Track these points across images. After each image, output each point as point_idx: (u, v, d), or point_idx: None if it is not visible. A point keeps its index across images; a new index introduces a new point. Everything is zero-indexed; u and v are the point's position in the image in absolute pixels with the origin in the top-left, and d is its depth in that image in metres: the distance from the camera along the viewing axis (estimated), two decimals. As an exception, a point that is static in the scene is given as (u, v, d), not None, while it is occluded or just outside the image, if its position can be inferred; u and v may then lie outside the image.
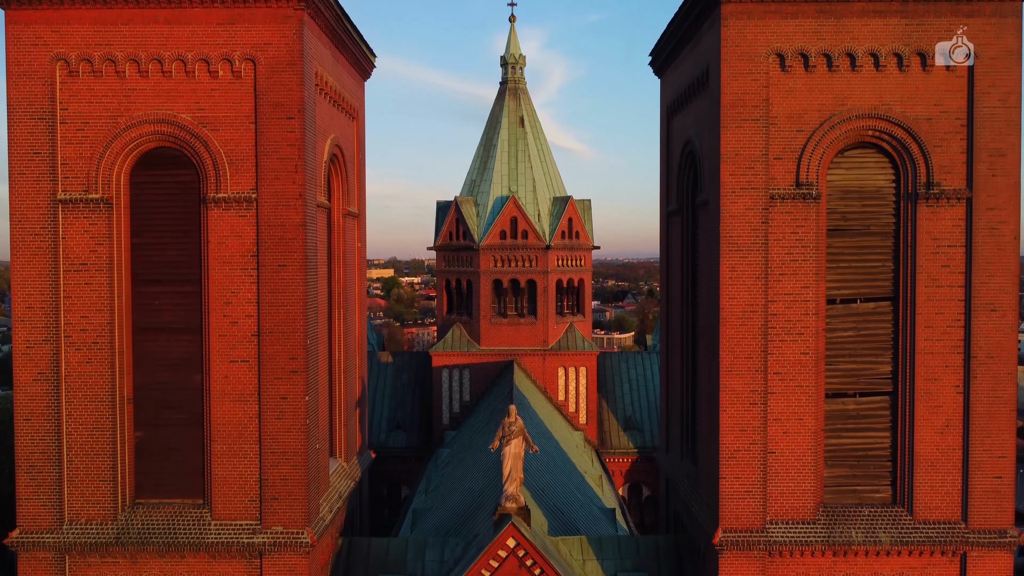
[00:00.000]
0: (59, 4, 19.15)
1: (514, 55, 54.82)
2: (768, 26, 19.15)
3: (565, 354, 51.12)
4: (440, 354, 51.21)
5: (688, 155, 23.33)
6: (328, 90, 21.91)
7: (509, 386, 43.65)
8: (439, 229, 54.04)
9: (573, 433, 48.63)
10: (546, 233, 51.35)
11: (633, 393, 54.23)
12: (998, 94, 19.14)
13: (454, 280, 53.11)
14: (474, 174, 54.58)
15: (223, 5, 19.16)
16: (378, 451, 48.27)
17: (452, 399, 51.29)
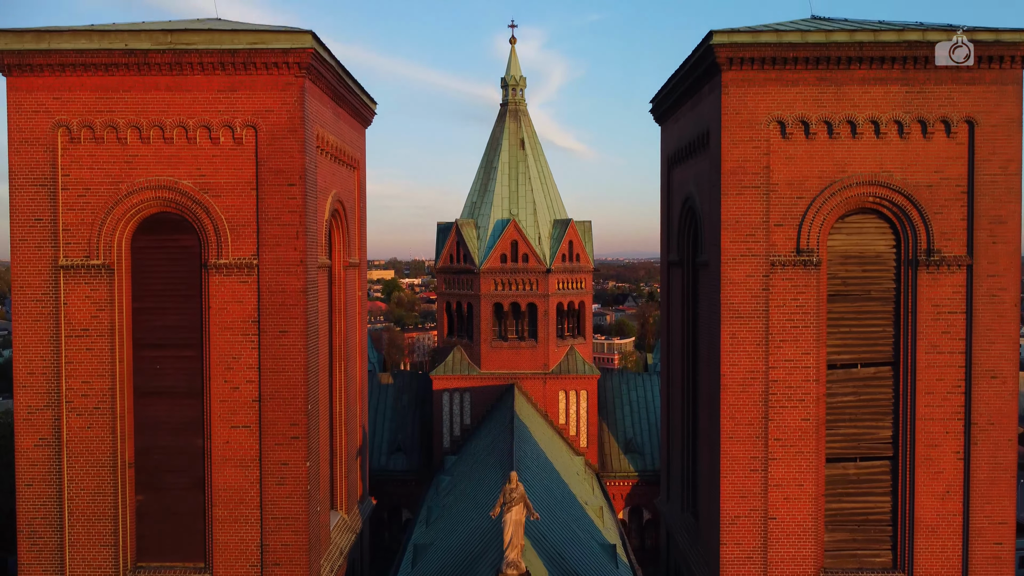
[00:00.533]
0: (61, 72, 19.18)
1: (514, 77, 54.77)
2: (769, 93, 19.16)
3: (566, 378, 51.08)
4: (441, 377, 51.15)
5: (689, 210, 23.35)
6: (329, 148, 21.93)
7: (510, 412, 43.60)
8: (440, 251, 54.06)
9: (574, 459, 48.62)
10: (547, 257, 51.33)
11: (634, 415, 54.22)
12: (999, 161, 19.16)
13: (455, 303, 53.12)
14: (474, 196, 54.58)
15: (224, 72, 19.16)
16: (379, 474, 48.51)
17: (453, 422, 51.28)
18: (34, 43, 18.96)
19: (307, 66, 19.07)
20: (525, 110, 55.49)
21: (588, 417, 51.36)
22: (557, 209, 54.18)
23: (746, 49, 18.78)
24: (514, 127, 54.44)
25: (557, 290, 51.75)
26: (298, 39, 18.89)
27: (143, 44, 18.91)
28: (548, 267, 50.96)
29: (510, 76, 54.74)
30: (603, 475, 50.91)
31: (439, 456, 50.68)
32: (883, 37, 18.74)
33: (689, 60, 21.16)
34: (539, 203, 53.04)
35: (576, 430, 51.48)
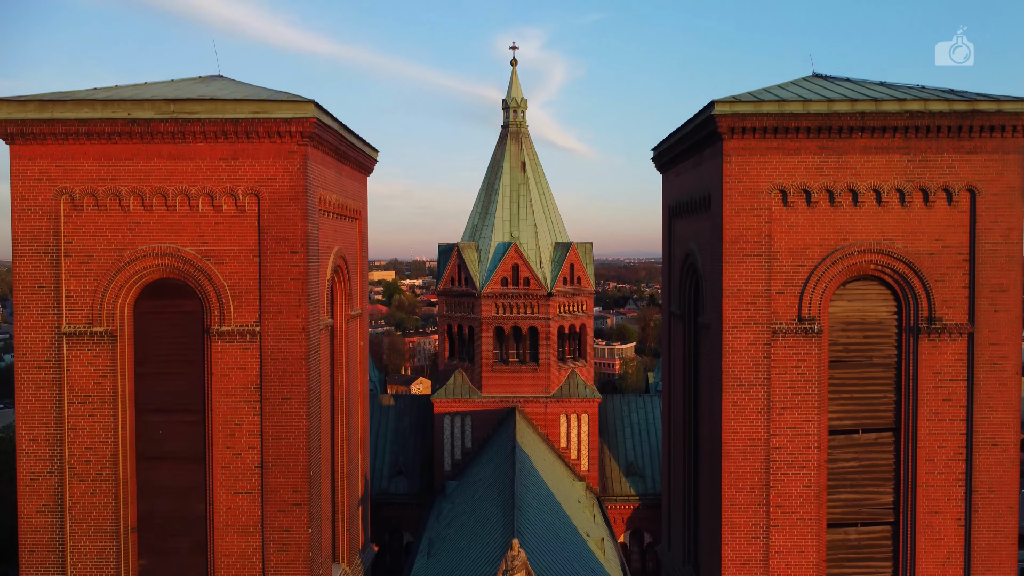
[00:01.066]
0: (64, 140, 19.21)
1: (515, 99, 54.82)
2: (771, 162, 19.18)
3: (567, 401, 51.18)
4: (442, 401, 51.25)
5: (690, 266, 23.37)
6: (332, 208, 21.97)
7: (511, 441, 43.68)
8: (441, 274, 54.11)
9: (575, 484, 48.69)
10: (548, 280, 51.39)
11: (635, 437, 54.32)
12: (1000, 230, 19.18)
13: (456, 325, 53.18)
14: (475, 218, 54.62)
15: (227, 141, 19.20)
16: (380, 497, 48.63)
17: (454, 446, 51.39)
18: (37, 112, 18.98)
19: (309, 135, 19.10)
20: (526, 132, 55.55)
21: (589, 441, 51.47)
22: (558, 231, 54.23)
23: (748, 119, 18.80)
24: (515, 149, 54.47)
25: (558, 313, 51.82)
26: (300, 108, 18.92)
27: (146, 113, 18.93)
28: (549, 291, 51.04)
29: (511, 98, 54.80)
30: (604, 498, 51.04)
31: (440, 480, 50.79)
32: (885, 107, 18.75)
33: (691, 123, 21.18)
34: (540, 226, 53.09)
35: (577, 454, 51.61)
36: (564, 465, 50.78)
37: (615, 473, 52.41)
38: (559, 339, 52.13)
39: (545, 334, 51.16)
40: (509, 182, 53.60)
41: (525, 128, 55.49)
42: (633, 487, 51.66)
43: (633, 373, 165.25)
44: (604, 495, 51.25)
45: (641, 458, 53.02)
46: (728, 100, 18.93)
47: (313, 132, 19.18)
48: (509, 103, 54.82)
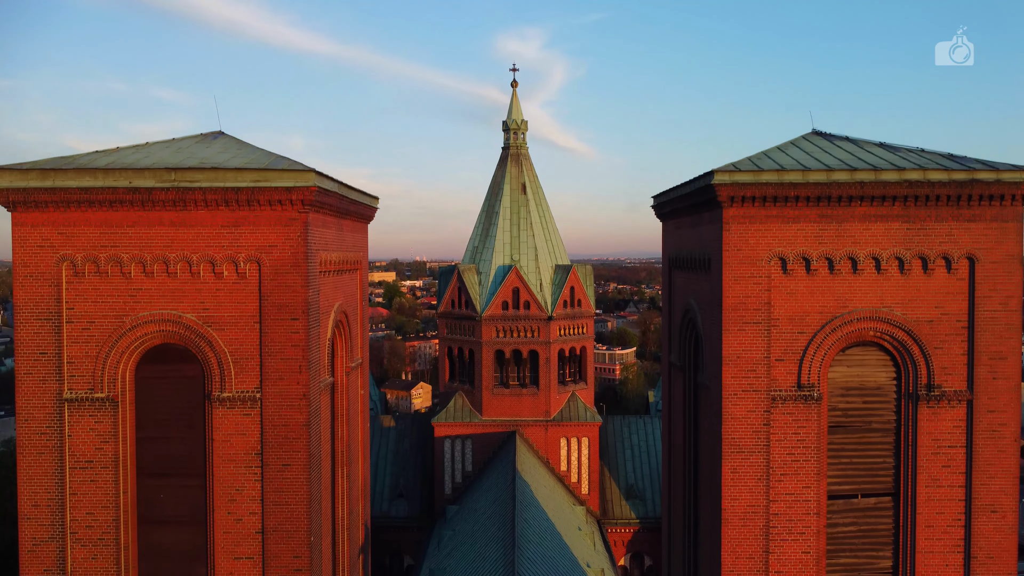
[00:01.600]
0: (65, 207, 19.26)
1: (516, 121, 54.92)
2: (770, 230, 19.24)
3: (567, 425, 51.35)
4: (442, 424, 51.39)
5: (690, 321, 23.42)
6: (333, 267, 22.03)
7: (512, 471, 43.79)
8: (441, 296, 54.19)
9: (575, 510, 48.80)
10: (548, 304, 51.48)
11: (635, 459, 54.45)
12: (999, 298, 19.22)
13: (456, 348, 53.29)
14: (476, 240, 54.69)
15: (228, 208, 19.25)
16: (380, 520, 48.75)
17: (455, 469, 51.54)
18: (38, 181, 19.04)
19: (310, 202, 19.16)
20: (526, 153, 55.62)
21: (590, 464, 51.64)
22: (558, 254, 54.30)
23: (748, 188, 18.85)
24: (515, 171, 54.55)
25: (559, 337, 51.94)
26: (301, 177, 18.97)
27: (147, 182, 18.98)
28: (550, 314, 51.16)
29: (511, 120, 54.90)
30: (605, 521, 51.22)
31: (441, 503, 50.96)
32: (884, 176, 18.80)
33: (690, 185, 21.24)
34: (540, 248, 53.17)
35: (578, 477, 51.80)
36: (564, 489, 50.91)
37: (615, 496, 52.54)
38: (559, 362, 52.26)
39: (545, 357, 51.26)
40: (509, 204, 53.68)
41: (526, 150, 55.56)
42: (633, 510, 51.81)
43: (633, 379, 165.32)
44: (604, 518, 51.40)
45: (641, 480, 53.17)
46: (728, 169, 18.98)
47: (314, 200, 19.23)
48: (509, 125, 54.91)
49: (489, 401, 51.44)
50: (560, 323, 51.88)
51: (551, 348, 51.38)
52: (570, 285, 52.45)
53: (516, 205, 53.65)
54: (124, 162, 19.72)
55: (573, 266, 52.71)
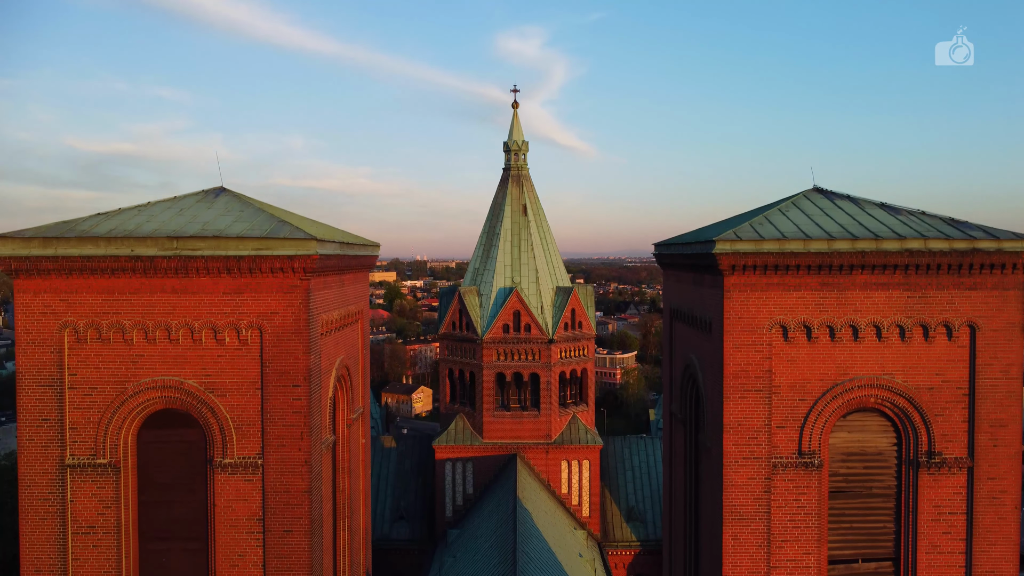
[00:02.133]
0: (67, 275, 19.28)
1: (517, 142, 54.91)
2: (771, 298, 19.25)
3: (568, 448, 51.39)
4: (443, 447, 51.44)
5: (691, 377, 23.44)
6: (335, 325, 22.06)
7: (513, 499, 43.79)
8: (442, 317, 54.20)
9: (576, 535, 48.87)
10: (549, 327, 51.50)
11: (636, 481, 54.50)
12: (1000, 366, 19.24)
13: (457, 370, 53.33)
14: (477, 262, 54.70)
15: (230, 276, 19.27)
16: (381, 543, 48.84)
17: (456, 492, 51.60)
18: (40, 249, 19.06)
19: (312, 269, 19.18)
20: (527, 175, 55.61)
21: (591, 487, 51.68)
22: (559, 276, 54.29)
23: (749, 257, 18.87)
24: (516, 193, 54.55)
25: (559, 359, 51.96)
26: (303, 246, 18.99)
27: (149, 250, 19.01)
28: (551, 337, 51.18)
29: (512, 141, 54.88)
30: (605, 544, 51.29)
31: (442, 526, 51.04)
32: (885, 246, 18.81)
33: (692, 247, 21.25)
34: (541, 270, 53.17)
35: (579, 499, 51.84)
36: (565, 512, 50.98)
37: (616, 518, 52.61)
38: (560, 383, 52.29)
39: (546, 380, 51.29)
40: (510, 226, 53.68)
41: (526, 171, 55.55)
42: (634, 532, 51.88)
43: (634, 383, 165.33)
44: (605, 540, 51.47)
45: (642, 502, 53.23)
46: (729, 239, 18.98)
47: (315, 267, 19.25)
48: (511, 146, 54.89)
49: (490, 424, 51.50)
50: (561, 346, 51.93)
51: (552, 371, 51.43)
52: (571, 307, 52.47)
53: (517, 227, 53.66)
54: (126, 228, 19.73)
55: (574, 288, 52.72)
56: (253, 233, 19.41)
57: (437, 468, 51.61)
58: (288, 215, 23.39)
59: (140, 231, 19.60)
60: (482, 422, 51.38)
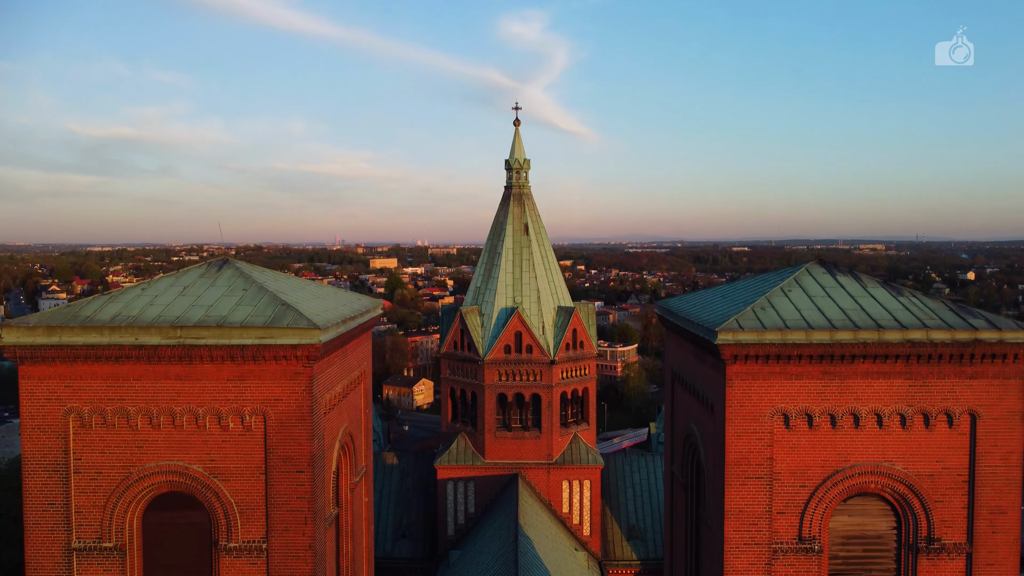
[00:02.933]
0: (72, 361, 19.37)
1: (519, 160, 54.79)
2: (773, 387, 19.33)
3: (570, 468, 51.63)
4: (445, 467, 51.71)
5: (692, 446, 23.57)
6: (338, 397, 22.16)
7: (514, 525, 44.04)
8: (444, 336, 54.30)
9: (577, 557, 49.21)
10: (551, 347, 51.61)
11: (637, 499, 54.78)
12: (1000, 453, 19.35)
13: (459, 389, 53.51)
14: (478, 280, 54.73)
15: (233, 363, 19.35)
16: (383, 562, 49.18)
17: (457, 511, 51.94)
18: (45, 337, 19.14)
19: (315, 358, 19.26)
20: (529, 193, 55.55)
21: (592, 506, 51.98)
22: (561, 295, 54.33)
23: (752, 347, 18.93)
24: (518, 211, 54.49)
25: (561, 380, 52.12)
26: (306, 335, 19.05)
27: (153, 339, 19.08)
28: (552, 358, 51.31)
29: (514, 159, 54.77)
30: (606, 563, 51.65)
31: (444, 544, 51.43)
32: (887, 336, 18.86)
33: (694, 327, 21.30)
34: (543, 290, 53.21)
35: (580, 519, 52.16)
36: (566, 532, 51.31)
37: (616, 536, 52.95)
38: (561, 403, 52.47)
39: (548, 401, 51.48)
40: (512, 245, 53.67)
41: (528, 189, 55.49)
42: (635, 551, 52.23)
43: (635, 377, 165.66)
44: (605, 559, 51.83)
45: (643, 520, 53.53)
46: (732, 328, 19.03)
47: (318, 354, 19.33)
48: (512, 164, 54.78)
49: (491, 444, 51.74)
50: (562, 366, 52.07)
51: (553, 391, 51.59)
52: (572, 327, 52.57)
53: (519, 246, 53.64)
54: (129, 315, 19.78)
55: (575, 308, 52.78)
56: (256, 320, 19.47)
57: (439, 488, 51.92)
58: (292, 284, 23.44)
59: (144, 317, 19.66)
60: (484, 442, 51.63)
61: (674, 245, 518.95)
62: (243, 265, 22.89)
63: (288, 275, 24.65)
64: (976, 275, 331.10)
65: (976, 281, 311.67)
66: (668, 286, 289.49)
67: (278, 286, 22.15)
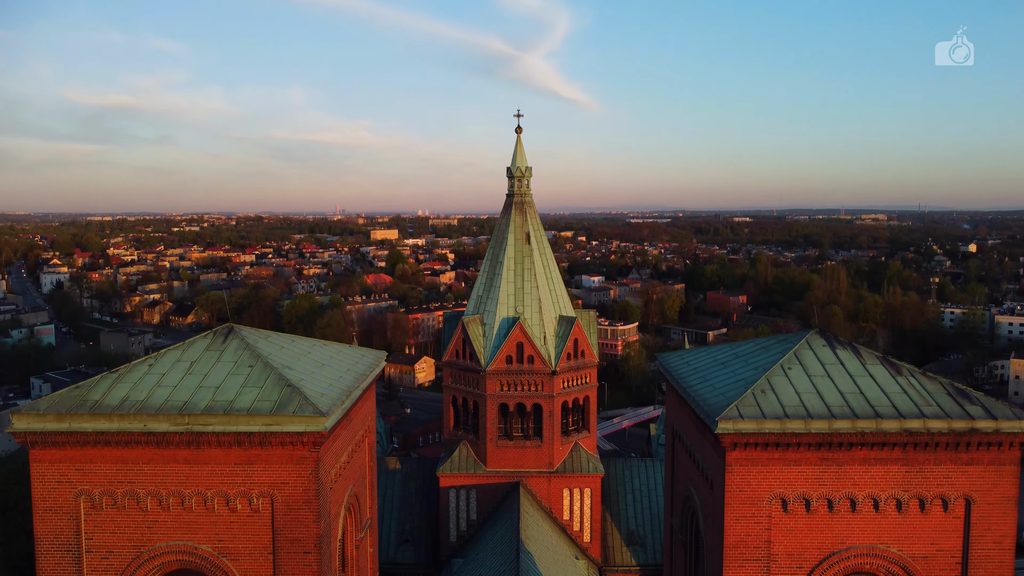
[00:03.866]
0: (81, 446, 19.70)
1: (520, 168, 54.67)
2: (771, 472, 19.66)
3: (571, 476, 52.20)
4: (447, 475, 52.33)
5: (691, 509, 23.96)
6: (343, 464, 22.51)
7: (515, 538, 44.75)
8: (446, 344, 54.60)
9: (577, 565, 50.03)
10: (552, 358, 51.94)
11: (637, 504, 55.49)
12: (994, 537, 19.73)
13: (460, 398, 53.96)
14: (480, 289, 54.89)
15: (240, 448, 19.68)
16: (387, 567, 50.05)
17: (459, 517, 52.66)
18: (55, 424, 19.46)
19: (321, 443, 19.57)
20: (531, 201, 55.54)
21: (592, 513, 52.66)
22: (563, 304, 54.54)
23: (752, 436, 19.22)
24: (520, 220, 54.50)
25: (562, 389, 52.53)
26: (312, 422, 19.36)
27: (161, 426, 19.40)
28: (554, 369, 51.65)
29: (516, 167, 54.61)
30: (605, 568, 52.50)
31: (446, 549, 52.24)
32: (885, 426, 19.16)
33: (695, 403, 21.57)
34: (544, 300, 53.43)
35: (580, 525, 52.88)
36: (566, 540, 52.06)
37: (616, 542, 53.75)
38: (562, 411, 52.95)
39: (549, 411, 51.94)
40: (513, 255, 53.76)
41: (530, 197, 55.46)
42: (634, 556, 53.05)
43: (635, 355, 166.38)
44: (605, 565, 52.68)
45: (642, 526, 54.29)
46: (732, 417, 19.31)
47: (324, 439, 19.64)
48: (514, 172, 54.64)
49: (493, 452, 52.30)
50: (564, 376, 52.44)
51: (555, 401, 52.03)
52: (574, 337, 52.85)
53: (520, 255, 53.74)
54: (137, 399, 20.08)
55: (576, 319, 53.02)
56: (263, 407, 19.75)
57: (441, 495, 52.57)
58: (297, 351, 23.66)
59: (152, 403, 19.95)
60: (485, 451, 52.20)
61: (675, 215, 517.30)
62: (248, 333, 23.10)
63: (292, 338, 24.84)
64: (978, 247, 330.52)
65: (977, 253, 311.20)
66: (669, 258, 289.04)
67: (283, 358, 22.39)
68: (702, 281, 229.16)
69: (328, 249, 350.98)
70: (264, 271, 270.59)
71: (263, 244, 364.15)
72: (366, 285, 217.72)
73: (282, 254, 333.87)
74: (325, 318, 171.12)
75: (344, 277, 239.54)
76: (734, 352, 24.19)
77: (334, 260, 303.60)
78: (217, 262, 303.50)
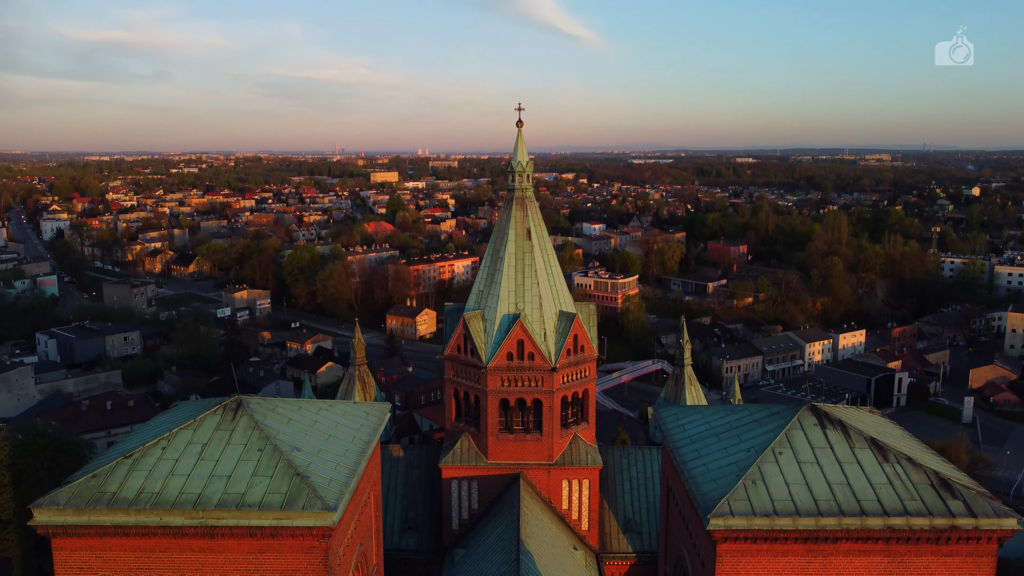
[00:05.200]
0: (101, 536, 20.63)
1: (522, 163, 54.61)
2: (760, 563, 20.62)
3: (569, 468, 53.55)
4: (449, 467, 53.72)
5: (683, 569, 25.03)
6: (350, 533, 23.48)
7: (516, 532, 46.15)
8: (448, 338, 55.38)
9: (575, 556, 51.77)
10: (552, 355, 52.75)
11: (634, 492, 57.03)
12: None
13: (462, 392, 55.00)
14: (481, 284, 55.38)
15: (253, 538, 20.60)
16: (391, 553, 51.79)
17: (461, 507, 54.23)
18: (75, 517, 20.36)
19: (329, 535, 20.48)
20: (531, 196, 55.72)
21: (590, 503, 54.21)
22: (563, 300, 55.11)
23: (741, 531, 20.10)
24: (520, 216, 54.71)
25: (562, 384, 53.51)
26: (321, 517, 20.22)
27: (177, 520, 20.29)
28: (554, 365, 52.53)
29: (517, 162, 54.53)
30: (603, 555, 54.31)
31: (448, 536, 53.97)
32: (870, 523, 20.01)
33: (687, 484, 22.40)
34: (544, 296, 54.00)
35: (579, 514, 54.49)
36: (565, 529, 53.69)
37: (613, 529, 55.45)
38: (562, 404, 54.01)
39: (549, 406, 52.99)
40: (514, 251, 54.09)
41: (531, 192, 55.58)
42: (631, 544, 54.78)
43: (635, 309, 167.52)
44: (603, 552, 54.47)
45: (639, 514, 55.90)
46: (723, 514, 20.16)
47: (333, 531, 20.54)
48: (515, 167, 54.59)
49: (494, 445, 53.55)
50: (564, 372, 53.31)
51: (555, 396, 53.03)
52: (574, 333, 53.54)
53: (521, 251, 54.09)
54: (153, 491, 20.92)
55: (576, 315, 53.64)
56: (273, 500, 20.61)
57: (444, 485, 54.03)
58: (304, 421, 24.37)
59: (167, 496, 20.80)
60: (486, 444, 53.44)
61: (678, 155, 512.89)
62: (257, 407, 23.80)
63: (299, 404, 25.56)
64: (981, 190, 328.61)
65: (981, 197, 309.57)
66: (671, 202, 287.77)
67: (291, 434, 23.14)
68: (703, 230, 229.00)
69: (328, 194, 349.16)
70: (264, 218, 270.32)
71: (263, 188, 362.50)
72: (367, 234, 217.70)
73: (282, 199, 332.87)
74: (327, 271, 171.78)
75: (344, 225, 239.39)
76: (727, 422, 24.92)
77: (334, 206, 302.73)
78: (217, 208, 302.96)
